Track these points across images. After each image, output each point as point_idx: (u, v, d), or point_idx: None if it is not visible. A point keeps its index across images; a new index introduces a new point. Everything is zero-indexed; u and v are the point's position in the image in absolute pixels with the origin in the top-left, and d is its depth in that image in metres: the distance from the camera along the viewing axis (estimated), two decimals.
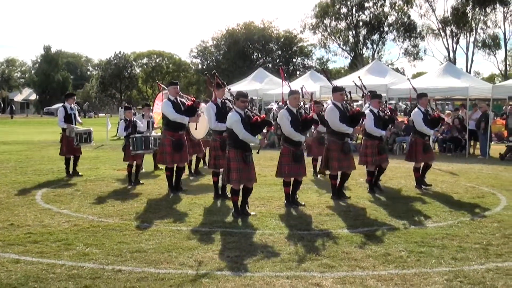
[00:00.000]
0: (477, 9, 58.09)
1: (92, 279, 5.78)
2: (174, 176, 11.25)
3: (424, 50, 67.35)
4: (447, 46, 61.87)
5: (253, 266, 6.24)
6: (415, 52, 66.73)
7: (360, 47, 67.87)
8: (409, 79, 15.88)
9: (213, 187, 10.75)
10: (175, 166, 11.18)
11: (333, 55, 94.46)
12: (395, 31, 66.19)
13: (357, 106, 12.25)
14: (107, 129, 26.28)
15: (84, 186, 12.19)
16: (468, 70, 57.79)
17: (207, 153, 12.24)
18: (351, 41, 68.24)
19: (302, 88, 12.28)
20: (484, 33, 61.00)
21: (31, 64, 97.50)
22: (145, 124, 13.61)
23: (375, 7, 65.52)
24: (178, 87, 11.16)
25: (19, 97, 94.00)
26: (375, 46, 68.02)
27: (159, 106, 13.96)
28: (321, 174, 13.64)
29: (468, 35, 60.64)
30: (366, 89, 13.56)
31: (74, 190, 11.56)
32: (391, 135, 18.30)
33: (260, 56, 75.82)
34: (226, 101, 10.49)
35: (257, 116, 8.87)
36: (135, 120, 12.99)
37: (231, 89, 10.55)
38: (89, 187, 11.98)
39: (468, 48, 60.96)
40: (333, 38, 68.60)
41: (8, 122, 51.34)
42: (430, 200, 10.47)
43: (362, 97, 13.64)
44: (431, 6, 61.94)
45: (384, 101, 14.97)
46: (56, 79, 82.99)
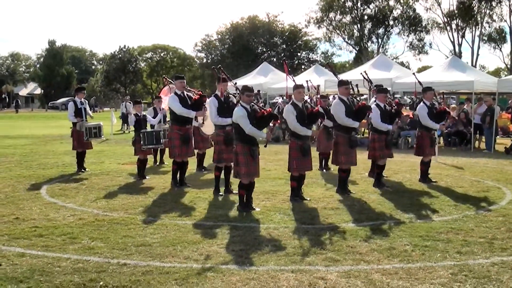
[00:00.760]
0: (482, 2, 57.73)
1: (97, 272, 5.80)
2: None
3: (430, 44, 67.27)
4: (452, 40, 61.68)
5: (258, 260, 6.25)
6: (420, 46, 66.58)
7: (365, 41, 67.69)
8: (414, 73, 15.83)
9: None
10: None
11: (338, 49, 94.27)
12: (400, 24, 65.99)
13: (362, 100, 12.21)
14: (112, 123, 26.31)
15: (89, 180, 12.22)
16: (474, 64, 57.58)
17: None
18: (356, 35, 68.08)
19: (308, 82, 12.26)
20: (489, 26, 60.79)
21: (35, 59, 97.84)
22: (160, 116, 13.56)
23: (380, 0, 65.31)
24: (185, 81, 11.15)
25: (24, 92, 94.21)
26: (380, 40, 67.85)
27: (164, 100, 13.91)
28: (325, 169, 13.64)
29: (473, 28, 60.37)
30: (372, 83, 13.53)
31: (79, 184, 11.59)
32: (396, 129, 18.24)
33: (264, 50, 75.66)
34: (230, 96, 10.48)
35: (263, 110, 8.86)
36: (144, 114, 13.01)
37: (237, 84, 10.54)
38: (94, 181, 12.01)
39: (473, 42, 60.79)
40: (338, 32, 68.45)
41: (13, 116, 51.46)
42: (435, 194, 10.46)
43: (369, 90, 13.61)
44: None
45: (392, 94, 14.92)
46: (61, 74, 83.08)
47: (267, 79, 28.53)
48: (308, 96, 13.68)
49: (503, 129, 22.71)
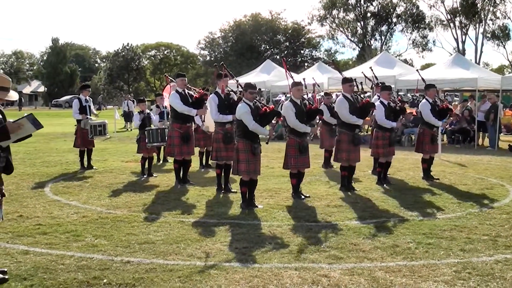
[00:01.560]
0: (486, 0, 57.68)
1: (101, 270, 5.81)
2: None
3: (433, 41, 67.31)
4: (456, 37, 61.61)
5: (261, 258, 6.25)
6: (424, 43, 66.51)
7: (368, 38, 67.63)
8: (417, 70, 15.79)
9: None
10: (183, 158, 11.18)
11: (341, 47, 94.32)
12: (403, 22, 65.92)
13: (365, 97, 12.19)
14: (115, 120, 26.33)
15: (92, 177, 12.23)
16: (477, 61, 57.46)
17: None
18: (359, 32, 68.02)
19: (305, 79, 12.25)
20: (493, 24, 60.70)
21: (39, 57, 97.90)
22: (157, 117, 13.54)
23: None
24: (186, 79, 11.16)
25: (27, 89, 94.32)
26: (383, 37, 67.77)
27: (166, 98, 13.92)
28: (334, 163, 13.59)
29: (477, 26, 60.31)
30: (377, 79, 13.49)
31: (83, 182, 11.60)
32: (400, 126, 18.21)
33: (267, 47, 75.66)
34: (230, 93, 10.46)
35: (265, 107, 8.87)
36: (149, 112, 13.01)
37: (239, 81, 10.54)
38: (97, 179, 12.02)
39: (477, 39, 60.69)
40: (341, 29, 68.41)
41: (17, 114, 51.42)
42: (438, 192, 10.44)
43: (371, 88, 13.58)
44: None
45: (396, 91, 14.90)
46: (64, 71, 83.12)
47: (270, 77, 28.53)
48: (312, 94, 13.67)
49: (507, 126, 22.66)
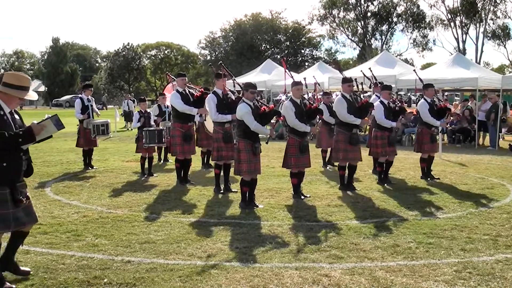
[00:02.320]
0: None
1: (102, 270, 5.81)
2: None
3: (433, 41, 67.14)
4: (456, 36, 61.60)
5: (262, 257, 6.25)
6: (424, 42, 66.49)
7: (368, 38, 67.64)
8: (415, 70, 15.78)
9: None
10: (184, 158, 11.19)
11: (341, 46, 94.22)
12: (404, 21, 65.93)
13: (364, 97, 12.19)
14: (116, 121, 26.36)
15: (93, 177, 12.24)
16: (478, 61, 57.43)
17: None
18: (360, 32, 68.02)
19: (305, 79, 12.24)
20: (494, 23, 60.68)
21: (39, 56, 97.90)
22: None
23: None
24: (186, 78, 11.17)
25: None
26: (383, 37, 67.80)
27: (168, 97, 13.91)
28: (330, 165, 13.60)
29: (478, 25, 60.32)
30: (376, 79, 13.49)
31: (83, 182, 11.60)
32: (400, 126, 18.20)
33: (268, 47, 75.67)
34: (229, 92, 10.45)
35: (264, 106, 8.88)
36: (149, 112, 13.00)
37: (239, 81, 10.54)
38: (98, 179, 12.03)
39: (477, 38, 60.69)
40: (342, 29, 68.42)
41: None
42: (439, 191, 10.43)
43: (369, 87, 13.56)
44: None
45: (396, 92, 14.88)
46: (65, 71, 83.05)
47: (270, 76, 28.52)
48: (312, 94, 13.66)
49: (510, 126, 22.62)
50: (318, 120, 10.91)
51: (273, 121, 9.16)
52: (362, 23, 66.90)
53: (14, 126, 5.25)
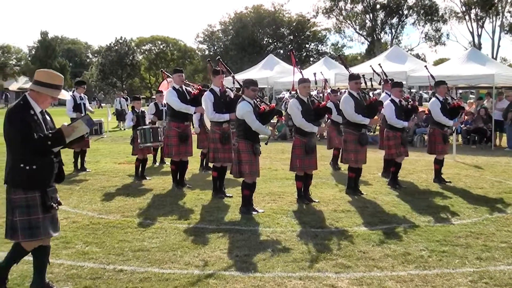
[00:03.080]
0: None
1: (92, 279, 5.80)
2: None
3: (447, 35, 67.03)
4: (471, 30, 61.50)
5: (264, 266, 6.24)
6: (437, 37, 66.41)
7: (377, 32, 67.60)
8: (426, 66, 15.75)
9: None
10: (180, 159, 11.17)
11: (348, 41, 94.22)
12: (415, 14, 65.84)
13: (374, 95, 12.17)
14: (108, 120, 26.36)
15: (83, 180, 12.23)
16: (494, 56, 57.39)
17: None
18: (368, 25, 67.98)
19: (315, 74, 12.22)
20: (511, 16, 60.56)
21: (27, 51, 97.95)
22: (151, 116, 13.51)
23: None
24: (183, 75, 11.14)
25: (14, 86, 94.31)
26: (393, 31, 67.74)
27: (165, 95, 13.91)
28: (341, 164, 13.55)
29: (494, 18, 60.17)
30: (386, 76, 13.47)
31: (73, 185, 11.60)
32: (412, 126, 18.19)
33: (270, 41, 75.72)
34: (226, 90, 10.43)
35: (264, 105, 8.88)
36: (143, 111, 12.99)
37: (239, 78, 10.53)
38: (88, 182, 12.02)
39: (494, 32, 60.53)
40: (349, 22, 68.42)
41: (2, 112, 51.58)
42: (453, 196, 10.42)
43: (379, 83, 13.56)
44: None
45: (409, 89, 14.87)
46: (54, 67, 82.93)
47: (273, 73, 28.55)
48: (316, 90, 13.66)
49: None
50: (326, 120, 10.90)
51: (273, 121, 9.15)
52: (371, 15, 66.89)
53: (45, 127, 5.25)
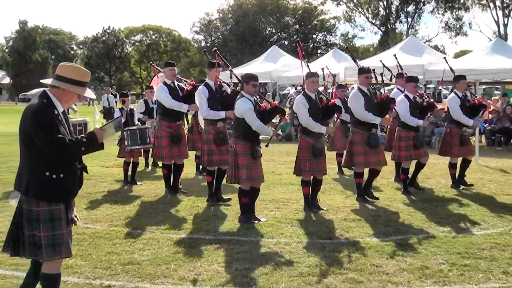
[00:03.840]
0: None
1: None
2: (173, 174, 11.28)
3: (469, 24, 67.07)
4: (496, 19, 61.56)
5: (266, 281, 6.24)
6: (458, 26, 66.51)
7: (392, 21, 67.62)
8: (445, 58, 15.73)
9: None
10: (173, 162, 11.17)
11: (360, 30, 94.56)
12: (433, 1, 65.87)
13: (386, 91, 12.12)
14: (95, 119, 26.35)
15: None
16: None
17: None
18: (382, 13, 68.06)
19: (324, 69, 12.23)
20: None
21: (4, 42, 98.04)
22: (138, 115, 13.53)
23: None
24: (176, 68, 11.12)
25: None
26: (409, 20, 67.79)
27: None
28: (346, 168, 13.55)
29: None
30: (402, 68, 13.43)
31: None
32: (428, 125, 18.17)
33: (274, 31, 75.83)
34: (223, 84, 10.41)
35: (265, 103, 8.86)
36: (132, 108, 12.99)
37: (239, 71, 10.52)
38: None
39: None
40: (360, 9, 68.47)
41: None
42: (475, 203, 10.40)
43: (390, 79, 13.56)
44: None
45: (424, 85, 14.84)
46: (34, 60, 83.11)
47: (277, 66, 28.54)
48: (324, 86, 13.65)
49: None
50: (335, 119, 10.85)
51: (275, 120, 9.13)
52: (385, 2, 66.98)
53: (68, 129, 5.08)
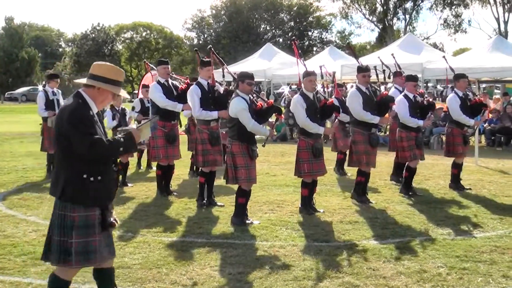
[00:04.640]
0: None
1: None
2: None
3: (469, 21, 67.19)
4: (497, 16, 61.65)
5: (260, 285, 6.25)
6: (457, 23, 66.56)
7: (389, 17, 67.68)
8: (444, 56, 15.76)
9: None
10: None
11: (356, 27, 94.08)
12: None
13: (385, 89, 12.14)
14: None
15: None
16: None
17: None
18: (379, 9, 68.10)
19: (322, 67, 12.22)
20: None
21: None
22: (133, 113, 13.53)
23: None
24: (169, 67, 11.13)
25: None
26: (407, 16, 67.85)
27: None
28: (347, 174, 13.56)
29: None
30: (400, 68, 13.44)
31: (44, 193, 11.54)
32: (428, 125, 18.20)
33: (268, 28, 75.84)
34: (216, 83, 10.42)
35: (261, 102, 8.87)
36: (123, 108, 12.96)
37: (232, 70, 10.51)
38: None
39: None
40: (357, 6, 68.44)
41: None
42: (475, 205, 10.41)
43: (388, 77, 13.57)
44: None
45: (425, 84, 14.83)
46: (20, 57, 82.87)
47: (271, 64, 28.54)
48: (322, 85, 13.64)
49: None
50: (334, 119, 10.82)
51: (272, 119, 9.14)
52: None
53: (103, 130, 4.99)
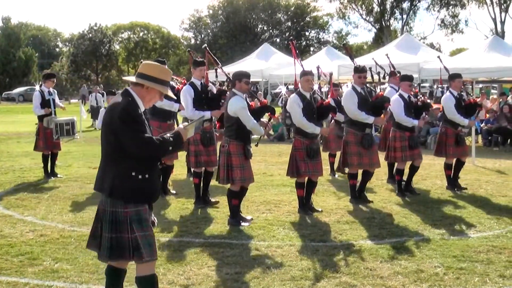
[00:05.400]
0: None
1: None
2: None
3: (465, 21, 67.23)
4: (493, 16, 61.70)
5: (257, 285, 6.25)
6: (454, 23, 66.65)
7: (386, 18, 67.70)
8: (439, 56, 15.77)
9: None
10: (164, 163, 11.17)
11: (353, 28, 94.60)
12: None
13: (381, 90, 12.14)
14: (81, 118, 26.28)
15: (53, 187, 12.19)
16: None
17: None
18: (376, 10, 68.13)
19: (319, 68, 12.23)
20: None
21: None
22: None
23: None
24: (166, 66, 11.11)
25: None
26: (404, 16, 67.90)
27: None
28: (339, 173, 13.60)
29: None
30: (394, 68, 13.46)
31: (41, 193, 11.55)
32: (424, 125, 18.20)
33: (265, 29, 75.82)
34: (208, 83, 10.43)
35: (253, 102, 8.90)
36: None
37: (229, 70, 10.52)
38: (59, 189, 11.97)
39: None
40: (354, 6, 68.46)
41: None
42: (471, 205, 10.42)
43: (383, 77, 13.60)
44: None
45: (418, 84, 14.86)
46: (18, 57, 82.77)
47: (268, 64, 28.57)
48: (318, 85, 13.65)
49: None
50: (330, 120, 10.87)
51: (265, 119, 9.16)
52: None
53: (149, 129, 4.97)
